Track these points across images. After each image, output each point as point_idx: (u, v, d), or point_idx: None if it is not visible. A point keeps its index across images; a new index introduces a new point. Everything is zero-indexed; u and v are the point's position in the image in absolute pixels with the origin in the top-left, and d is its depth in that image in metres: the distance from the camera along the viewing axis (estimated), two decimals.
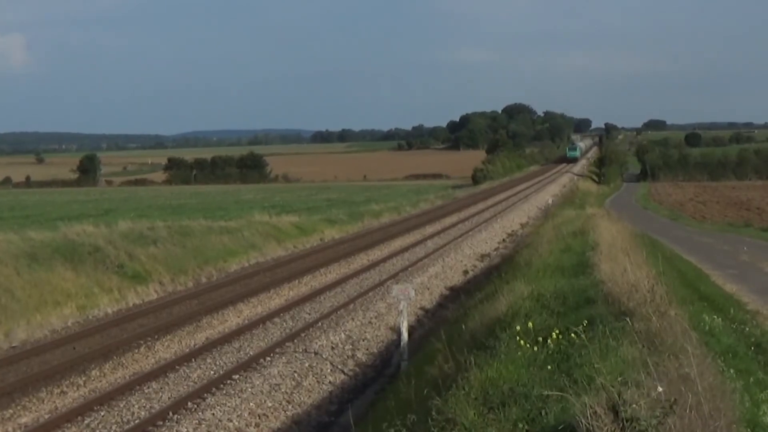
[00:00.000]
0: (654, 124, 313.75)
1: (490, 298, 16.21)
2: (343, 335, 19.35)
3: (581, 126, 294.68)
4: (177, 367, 16.48)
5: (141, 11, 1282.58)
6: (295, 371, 16.43)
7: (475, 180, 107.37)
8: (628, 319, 9.62)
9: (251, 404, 14.37)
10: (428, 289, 26.22)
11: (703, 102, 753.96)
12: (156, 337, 19.03)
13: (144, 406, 14.10)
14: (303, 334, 19.20)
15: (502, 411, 7.40)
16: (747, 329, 15.16)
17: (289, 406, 14.83)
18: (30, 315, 20.26)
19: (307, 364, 16.97)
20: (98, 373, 16.27)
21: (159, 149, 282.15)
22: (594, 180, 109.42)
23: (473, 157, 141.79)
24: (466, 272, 30.50)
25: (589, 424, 5.95)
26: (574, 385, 7.02)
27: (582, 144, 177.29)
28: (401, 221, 48.90)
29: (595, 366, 7.68)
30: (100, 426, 13.27)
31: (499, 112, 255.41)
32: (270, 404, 14.63)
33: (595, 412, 6.02)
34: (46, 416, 13.84)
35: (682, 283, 20.26)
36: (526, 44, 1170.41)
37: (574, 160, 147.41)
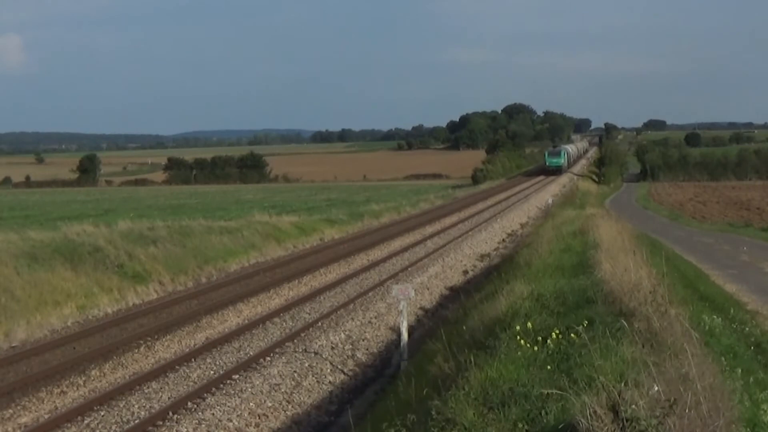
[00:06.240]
0: (654, 124, 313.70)
1: (490, 298, 16.20)
2: (342, 335, 19.35)
3: (581, 126, 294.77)
4: (177, 367, 16.48)
5: (140, 11, 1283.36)
6: (294, 371, 16.43)
7: (475, 180, 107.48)
8: (628, 319, 9.62)
9: (251, 404, 14.37)
10: (428, 289, 26.22)
11: (703, 102, 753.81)
12: (156, 337, 19.03)
13: (144, 406, 14.10)
14: (303, 334, 19.20)
15: (501, 411, 7.40)
16: (747, 329, 15.16)
17: (289, 406, 14.83)
18: (30, 315, 20.26)
19: (306, 364, 16.97)
20: (98, 373, 16.27)
21: (159, 149, 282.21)
22: (594, 180, 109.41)
23: (473, 157, 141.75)
24: (465, 272, 30.49)
25: (589, 424, 5.96)
26: (573, 385, 7.01)
27: (572, 147, 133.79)
28: (401, 221, 48.90)
29: (595, 366, 7.69)
30: (100, 426, 13.27)
31: (499, 112, 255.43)
32: (270, 404, 14.63)
33: (595, 411, 6.02)
34: (46, 416, 13.84)
35: (682, 283, 20.26)
36: (526, 44, 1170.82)
37: (557, 171, 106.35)
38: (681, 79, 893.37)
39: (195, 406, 14.06)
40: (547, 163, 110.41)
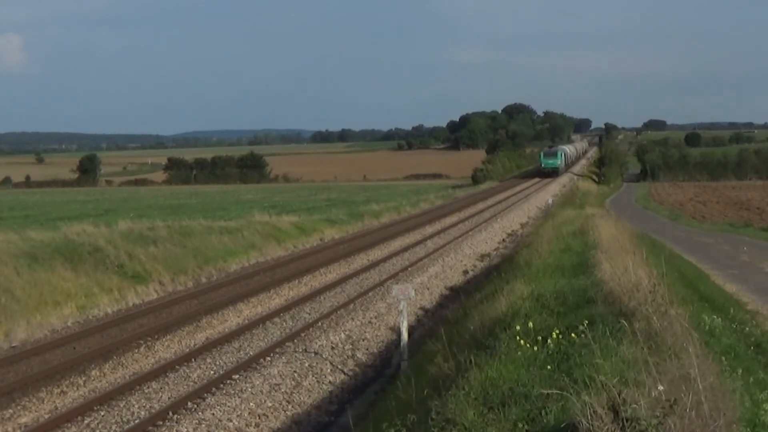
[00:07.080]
0: (654, 124, 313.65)
1: (490, 298, 16.21)
2: (343, 335, 19.35)
3: (581, 126, 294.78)
4: (177, 367, 16.48)
5: (141, 11, 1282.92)
6: (294, 371, 16.43)
7: (475, 180, 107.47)
8: (628, 319, 9.61)
9: (251, 404, 14.37)
10: (428, 288, 26.21)
11: (703, 102, 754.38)
12: (156, 337, 19.03)
13: (144, 406, 14.10)
14: (303, 334, 19.20)
15: (502, 411, 7.40)
16: (747, 329, 15.16)
17: (289, 406, 14.83)
18: (30, 315, 20.25)
19: (307, 364, 16.97)
20: (98, 373, 16.27)
21: (159, 149, 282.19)
22: (594, 180, 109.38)
23: (473, 157, 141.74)
24: (466, 272, 30.49)
25: (589, 423, 5.95)
26: (574, 385, 7.01)
27: (569, 148, 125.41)
28: (401, 221, 48.90)
29: (596, 366, 7.69)
30: (100, 426, 13.27)
31: (499, 112, 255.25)
32: (270, 404, 14.63)
33: (596, 411, 6.02)
34: (46, 416, 13.84)
35: (682, 283, 20.26)
36: (527, 44, 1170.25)
37: (553, 173, 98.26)
38: (681, 79, 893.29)
39: (195, 406, 14.05)
40: (543, 165, 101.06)
